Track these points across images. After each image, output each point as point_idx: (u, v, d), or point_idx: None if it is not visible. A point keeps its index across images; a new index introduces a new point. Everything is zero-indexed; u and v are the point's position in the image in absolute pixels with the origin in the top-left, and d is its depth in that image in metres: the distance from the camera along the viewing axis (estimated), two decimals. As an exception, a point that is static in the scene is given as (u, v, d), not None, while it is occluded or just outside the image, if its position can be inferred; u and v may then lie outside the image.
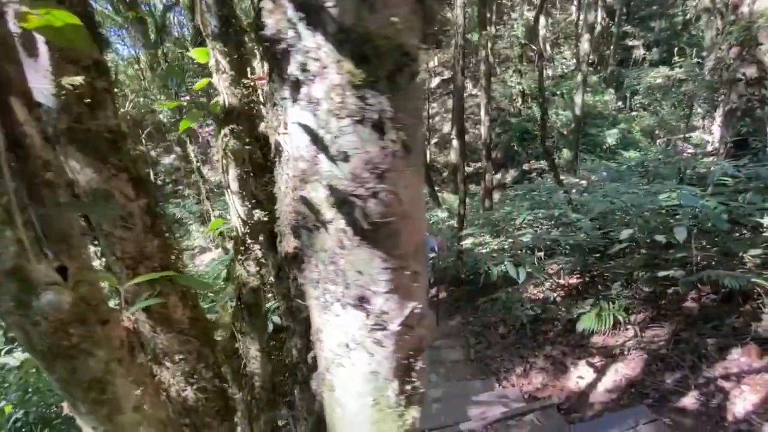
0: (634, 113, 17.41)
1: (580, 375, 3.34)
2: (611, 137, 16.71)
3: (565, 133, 16.97)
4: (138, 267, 0.75)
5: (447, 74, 21.15)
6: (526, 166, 15.82)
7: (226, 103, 1.15)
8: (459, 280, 6.04)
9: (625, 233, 3.01)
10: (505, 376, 3.70)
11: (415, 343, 0.51)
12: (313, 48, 0.34)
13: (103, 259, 0.79)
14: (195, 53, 1.16)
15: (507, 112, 20.85)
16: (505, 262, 3.76)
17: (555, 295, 4.52)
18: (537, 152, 18.43)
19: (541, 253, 4.41)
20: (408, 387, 0.52)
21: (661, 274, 3.20)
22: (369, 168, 0.36)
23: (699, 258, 3.06)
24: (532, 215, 4.32)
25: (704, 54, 9.94)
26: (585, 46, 12.07)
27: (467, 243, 4.61)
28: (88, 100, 0.62)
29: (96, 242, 0.77)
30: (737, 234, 2.99)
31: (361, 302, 0.44)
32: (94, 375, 0.43)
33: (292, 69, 0.37)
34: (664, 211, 3.27)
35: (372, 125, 0.35)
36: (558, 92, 20.24)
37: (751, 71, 5.55)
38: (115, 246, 0.73)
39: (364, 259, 0.41)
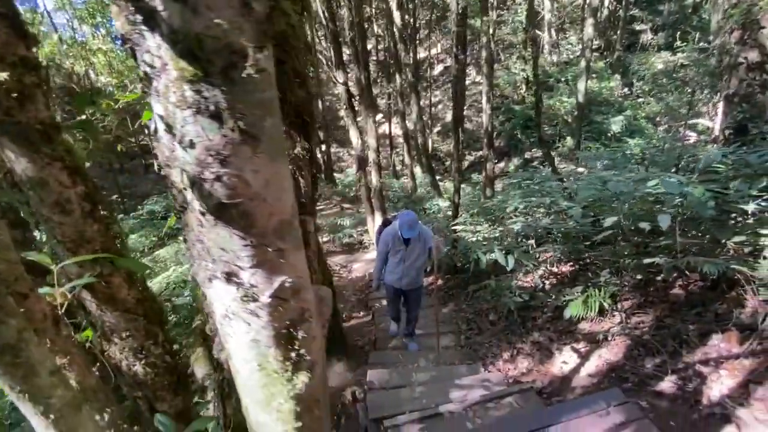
0: (640, 100, 17.03)
1: (564, 360, 3.40)
2: (616, 124, 16.42)
3: (569, 120, 16.72)
4: (79, 249, 0.80)
5: (450, 61, 20.86)
6: (528, 155, 15.69)
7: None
8: (454, 269, 6.09)
9: (609, 220, 3.02)
10: (492, 361, 3.77)
11: (294, 315, 0.55)
12: (154, 47, 0.38)
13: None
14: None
15: (511, 100, 20.56)
16: (495, 250, 3.79)
17: (547, 282, 4.56)
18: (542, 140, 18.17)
19: (532, 241, 4.43)
20: (292, 354, 0.57)
21: (647, 261, 3.21)
22: (212, 154, 0.40)
23: (684, 245, 3.07)
24: (524, 203, 4.32)
25: (710, 38, 9.71)
26: (589, 30, 11.83)
27: (459, 230, 4.64)
28: (16, 95, 0.67)
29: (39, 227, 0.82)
30: (722, 221, 2.98)
31: (230, 277, 0.49)
32: (8, 341, 0.48)
33: (143, 65, 0.41)
34: (651, 199, 3.27)
35: (210, 115, 0.39)
36: (563, 79, 19.87)
37: (753, 55, 5.42)
38: (55, 230, 0.78)
39: (223, 236, 0.46)
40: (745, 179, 3.08)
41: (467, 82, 21.85)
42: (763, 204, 2.73)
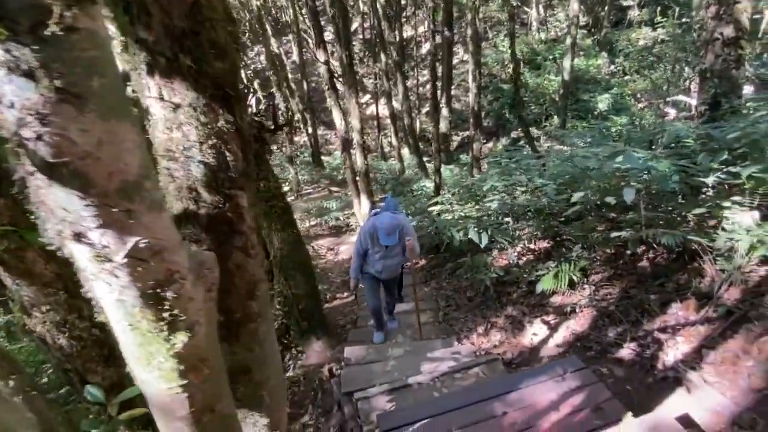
0: (627, 77, 16.94)
1: (534, 332, 3.50)
2: (603, 102, 16.39)
3: (556, 99, 16.64)
4: (-16, 224, 0.81)
5: (439, 40, 20.49)
6: (514, 134, 15.67)
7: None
8: (436, 248, 6.17)
9: (577, 196, 3.07)
10: (467, 335, 3.88)
11: (160, 275, 0.57)
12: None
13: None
14: None
15: (499, 79, 20.34)
16: (469, 229, 3.84)
17: (524, 258, 4.65)
18: (528, 119, 18.17)
19: (509, 219, 4.49)
20: (165, 314, 0.59)
21: (614, 235, 3.28)
22: (31, 113, 0.41)
23: (649, 218, 3.14)
24: (500, 182, 4.36)
25: (692, 14, 9.66)
26: (575, 6, 11.66)
27: (435, 210, 4.68)
28: None
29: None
30: (685, 194, 3.04)
31: (80, 237, 0.50)
32: None
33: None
34: (619, 174, 3.32)
35: (23, 74, 0.40)
36: (551, 57, 19.67)
37: (728, 31, 5.40)
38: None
39: (62, 196, 0.47)
40: (709, 153, 3.13)
41: (455, 61, 21.55)
42: (722, 177, 2.79)
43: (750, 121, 2.91)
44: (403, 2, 21.91)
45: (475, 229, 3.77)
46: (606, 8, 18.42)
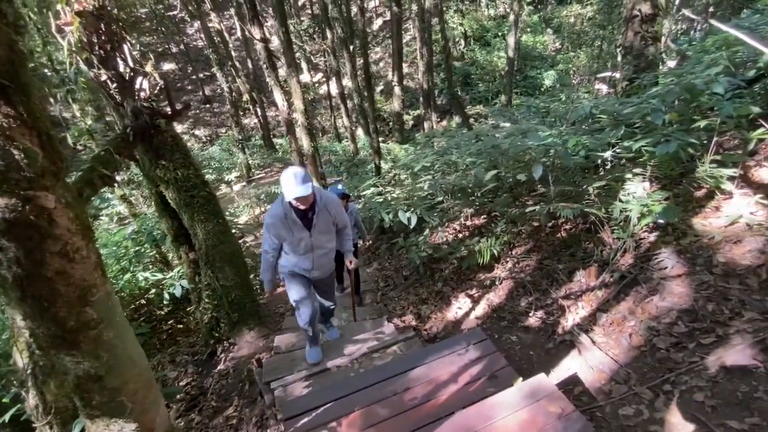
0: (571, 54, 17.46)
1: (459, 306, 3.64)
2: (548, 78, 16.88)
3: (503, 75, 16.91)
4: None
5: (389, 15, 20.02)
6: (467, 111, 15.86)
7: None
8: (381, 229, 6.21)
9: (489, 174, 3.16)
10: (400, 313, 3.97)
11: None
12: None
13: None
14: None
15: (451, 56, 20.30)
16: (399, 210, 3.87)
17: (461, 235, 4.78)
18: (480, 96, 18.44)
19: (441, 198, 4.57)
20: None
21: (528, 210, 3.42)
22: None
23: (558, 192, 3.29)
24: (430, 161, 4.41)
25: (622, -11, 10.01)
26: (516, -18, 11.75)
27: (368, 192, 4.68)
28: None
29: None
30: (588, 168, 3.21)
31: None
32: None
33: None
34: (531, 152, 3.44)
35: None
36: (500, 33, 19.86)
37: (645, 8, 5.66)
38: None
39: None
40: (612, 128, 3.30)
41: (407, 38, 21.26)
42: (617, 151, 2.96)
43: (644, 97, 3.09)
44: (351, -25, 21.17)
45: (404, 210, 3.80)
46: (550, -16, 18.68)
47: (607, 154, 2.92)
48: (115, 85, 2.32)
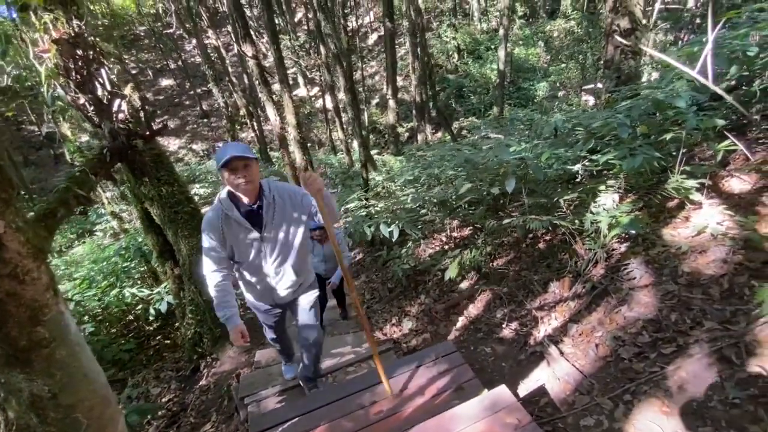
0: (563, 65, 17.71)
1: (439, 318, 3.67)
2: (541, 90, 17.11)
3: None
4: None
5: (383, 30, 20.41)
6: (456, 125, 16.03)
7: None
8: (371, 241, 6.26)
9: (464, 188, 3.22)
10: (382, 326, 4.00)
11: None
12: None
13: None
14: None
15: (444, 69, 20.63)
16: (380, 223, 3.93)
17: (446, 247, 4.82)
18: (474, 108, 18.66)
19: (425, 210, 4.63)
20: None
21: (505, 222, 3.47)
22: None
23: (531, 205, 3.35)
24: (413, 175, 4.48)
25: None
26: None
27: (351, 206, 4.75)
28: None
29: None
30: (559, 182, 3.28)
31: None
32: None
33: None
34: (505, 166, 3.51)
35: None
36: (492, 46, 20.18)
37: (624, 23, 5.82)
38: None
39: None
40: (584, 141, 3.38)
41: (402, 52, 21.61)
42: (586, 164, 3.03)
43: (612, 111, 3.17)
44: (345, -9, 21.63)
45: (386, 223, 3.86)
46: (540, -1, 19.06)
47: (577, 167, 2.99)
48: (92, 107, 2.41)
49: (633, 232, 2.87)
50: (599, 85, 8.65)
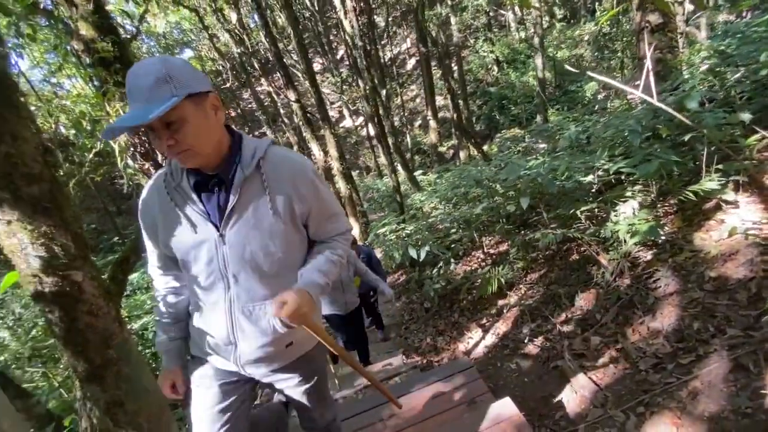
0: (605, 65, 16.87)
1: (471, 336, 3.73)
2: (589, 91, 16.40)
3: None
4: None
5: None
6: (498, 136, 15.79)
7: None
8: (412, 262, 6.46)
9: (479, 207, 3.35)
10: (418, 346, 4.13)
11: None
12: None
13: None
14: None
15: (485, 82, 20.62)
16: (408, 246, 4.14)
17: (483, 264, 4.86)
18: (519, 118, 18.31)
19: (455, 229, 4.75)
20: None
21: (528, 237, 3.51)
22: None
23: (551, 218, 3.37)
24: (439, 196, 4.64)
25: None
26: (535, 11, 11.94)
27: (383, 231, 5.00)
28: None
29: None
30: (574, 193, 3.26)
31: None
32: None
33: None
34: (521, 182, 3.57)
35: None
36: (531, 54, 19.83)
37: (654, 18, 5.62)
38: None
39: None
40: (602, 150, 3.36)
41: (440, 73, 22.00)
42: (600, 174, 3.02)
43: (623, 117, 3.14)
44: (383, 24, 22.77)
45: (413, 245, 4.06)
46: (579, -1, 18.52)
47: (589, 178, 2.99)
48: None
49: (656, 238, 2.78)
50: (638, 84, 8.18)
